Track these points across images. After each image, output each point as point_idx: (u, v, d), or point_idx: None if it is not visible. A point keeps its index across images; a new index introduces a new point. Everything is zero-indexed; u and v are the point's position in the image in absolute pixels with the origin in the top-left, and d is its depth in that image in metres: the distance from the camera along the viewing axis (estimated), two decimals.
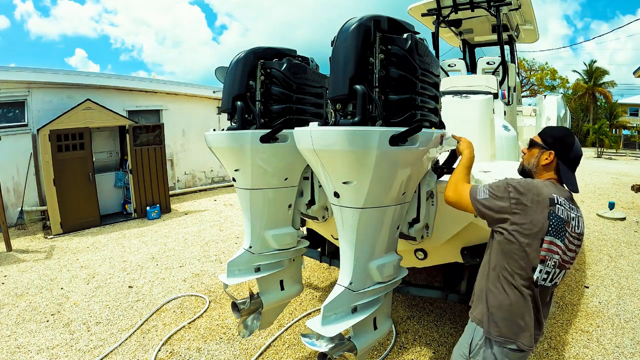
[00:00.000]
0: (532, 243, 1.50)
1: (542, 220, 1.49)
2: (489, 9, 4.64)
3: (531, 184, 1.55)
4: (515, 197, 1.52)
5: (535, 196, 1.51)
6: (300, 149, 1.72)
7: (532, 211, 1.49)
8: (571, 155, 1.66)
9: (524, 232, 1.50)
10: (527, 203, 1.50)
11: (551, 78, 33.41)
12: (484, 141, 3.18)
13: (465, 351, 1.70)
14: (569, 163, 1.65)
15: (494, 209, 1.56)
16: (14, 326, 3.49)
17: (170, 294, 4.09)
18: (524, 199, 1.51)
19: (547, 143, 1.68)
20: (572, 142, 1.66)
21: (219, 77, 2.59)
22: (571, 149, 1.65)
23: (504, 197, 1.54)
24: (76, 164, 6.57)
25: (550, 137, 1.69)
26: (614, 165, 15.74)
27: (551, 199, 1.52)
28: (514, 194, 1.53)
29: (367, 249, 1.75)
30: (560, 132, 1.70)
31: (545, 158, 1.67)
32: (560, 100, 6.68)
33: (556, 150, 1.66)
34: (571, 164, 1.66)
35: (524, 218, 1.50)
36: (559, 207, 1.51)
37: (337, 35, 1.66)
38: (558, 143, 1.67)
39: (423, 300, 3.72)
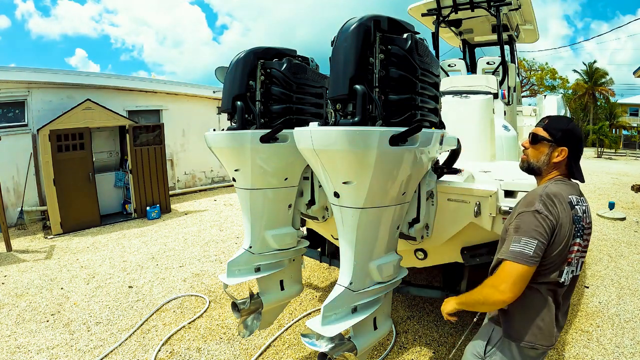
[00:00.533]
0: (561, 250, 1.45)
1: (569, 226, 1.44)
2: (489, 9, 4.64)
3: (551, 192, 1.46)
4: (552, 217, 1.42)
5: (560, 204, 1.45)
6: (300, 149, 1.72)
7: (563, 221, 1.43)
8: (580, 148, 1.58)
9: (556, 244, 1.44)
10: (562, 219, 1.43)
11: (551, 78, 33.42)
12: (484, 141, 3.18)
13: (480, 351, 1.66)
14: (577, 156, 1.58)
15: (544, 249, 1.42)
16: (14, 326, 3.49)
17: (170, 294, 4.09)
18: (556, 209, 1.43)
19: (557, 138, 1.55)
20: (580, 134, 1.59)
21: (218, 77, 2.59)
22: (580, 141, 1.58)
23: (549, 228, 1.41)
24: (76, 164, 6.57)
25: (558, 131, 1.55)
26: (614, 165, 15.74)
27: (570, 202, 1.47)
28: (550, 215, 1.42)
29: (367, 249, 1.75)
30: (567, 124, 1.58)
31: (557, 155, 1.55)
32: (560, 100, 6.68)
33: (569, 145, 1.54)
34: (580, 155, 1.59)
35: (559, 238, 1.43)
36: (577, 207, 1.48)
37: (337, 35, 1.66)
38: (569, 137, 1.55)
39: (423, 300, 3.72)
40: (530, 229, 1.40)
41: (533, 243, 1.38)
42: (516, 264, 1.39)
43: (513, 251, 1.41)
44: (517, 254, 1.39)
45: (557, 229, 1.41)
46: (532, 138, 1.61)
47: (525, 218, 1.44)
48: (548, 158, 1.57)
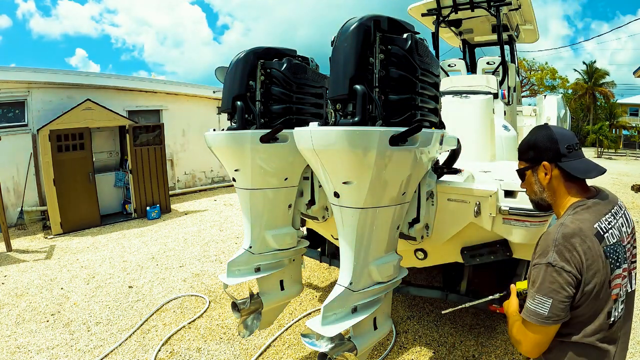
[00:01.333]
0: (601, 293, 1.21)
1: (602, 264, 1.19)
2: (489, 9, 4.64)
3: (567, 235, 1.20)
4: (576, 272, 1.18)
5: (582, 244, 1.19)
6: (300, 149, 1.72)
7: (590, 262, 1.18)
8: (564, 148, 1.29)
9: (591, 292, 1.20)
10: (587, 261, 1.18)
11: (551, 78, 33.42)
12: (484, 141, 3.18)
13: None
14: (568, 156, 1.30)
15: (569, 299, 1.19)
16: (14, 326, 3.49)
17: (170, 294, 4.09)
18: (582, 261, 1.18)
19: (530, 158, 1.36)
20: (550, 133, 1.32)
21: (218, 77, 2.59)
22: (557, 142, 1.30)
23: (566, 283, 1.18)
24: (76, 164, 6.57)
25: (529, 150, 1.37)
26: (614, 165, 15.74)
27: (597, 234, 1.21)
28: (571, 267, 1.18)
29: (367, 249, 1.75)
30: (531, 137, 1.38)
31: (544, 175, 1.33)
32: (560, 100, 6.68)
33: (549, 157, 1.31)
34: (570, 153, 1.30)
35: (589, 281, 1.19)
36: (607, 235, 1.23)
37: (337, 35, 1.66)
38: (539, 148, 1.33)
39: (423, 300, 3.72)
40: (544, 286, 1.20)
41: (548, 302, 1.19)
42: (533, 325, 1.24)
43: (528, 309, 1.25)
44: (532, 314, 1.23)
45: (584, 275, 1.18)
46: (519, 176, 1.45)
47: (538, 272, 1.23)
48: (540, 185, 1.36)
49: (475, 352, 2.94)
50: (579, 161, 1.31)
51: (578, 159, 1.31)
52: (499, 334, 3.14)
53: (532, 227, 1.99)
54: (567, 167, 1.30)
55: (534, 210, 1.49)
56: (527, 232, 2.00)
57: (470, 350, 2.96)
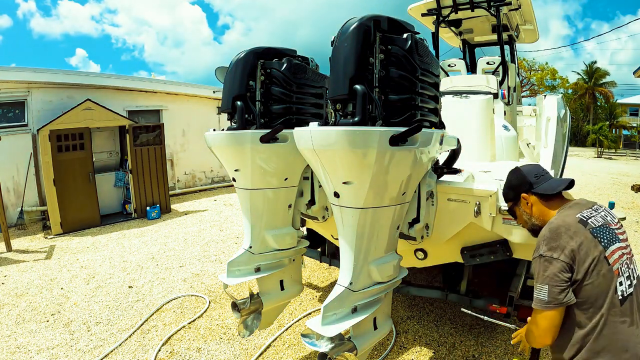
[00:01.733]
0: (600, 268, 1.37)
1: (592, 243, 1.39)
2: (489, 9, 4.64)
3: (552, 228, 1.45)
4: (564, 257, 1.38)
5: (568, 232, 1.41)
6: (300, 149, 1.72)
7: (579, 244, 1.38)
8: (532, 178, 1.61)
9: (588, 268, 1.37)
10: (570, 244, 1.39)
11: (551, 78, 33.40)
12: (484, 141, 3.18)
13: None
14: (538, 182, 1.60)
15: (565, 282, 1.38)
16: (14, 326, 3.49)
17: (170, 294, 4.09)
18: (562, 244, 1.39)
19: (512, 197, 1.68)
20: (520, 171, 1.65)
21: (218, 77, 2.59)
22: (525, 176, 1.62)
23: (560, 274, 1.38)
24: (76, 164, 6.56)
25: (508, 191, 1.69)
26: (614, 165, 15.74)
27: (580, 220, 1.44)
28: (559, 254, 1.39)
29: (367, 249, 1.75)
30: (507, 180, 1.70)
31: (526, 204, 1.62)
32: (560, 100, 6.66)
33: (523, 190, 1.62)
34: (540, 180, 1.60)
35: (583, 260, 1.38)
36: (591, 220, 1.44)
37: (337, 35, 1.66)
38: (514, 185, 1.66)
39: (423, 300, 3.72)
40: (540, 275, 1.42)
41: (545, 288, 1.39)
42: (539, 310, 1.42)
43: (534, 298, 1.44)
44: (536, 301, 1.43)
45: (576, 257, 1.38)
46: (510, 214, 1.75)
47: (534, 265, 1.47)
48: (527, 214, 1.63)
49: (475, 352, 2.94)
50: (547, 183, 1.60)
51: (546, 181, 1.60)
52: (499, 334, 3.14)
53: None
54: (539, 189, 1.59)
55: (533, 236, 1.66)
56: (527, 232, 2.00)
57: (470, 350, 2.96)
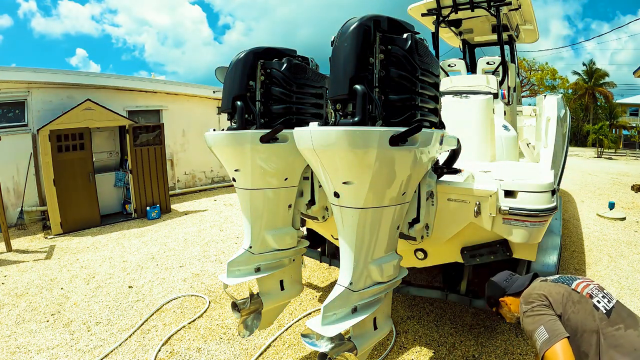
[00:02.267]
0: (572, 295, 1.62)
1: (556, 287, 1.67)
2: (489, 9, 4.64)
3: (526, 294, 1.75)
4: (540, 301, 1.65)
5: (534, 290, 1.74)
6: (300, 149, 1.72)
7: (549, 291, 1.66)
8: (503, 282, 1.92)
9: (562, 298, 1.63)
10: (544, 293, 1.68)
11: (551, 78, 33.39)
12: (484, 141, 3.18)
13: None
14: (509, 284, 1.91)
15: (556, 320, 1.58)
16: (14, 326, 3.49)
17: (170, 294, 4.09)
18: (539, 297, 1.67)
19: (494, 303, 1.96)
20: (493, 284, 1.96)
21: (218, 77, 2.59)
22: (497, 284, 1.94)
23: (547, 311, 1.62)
24: (76, 164, 6.56)
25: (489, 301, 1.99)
26: (614, 165, 15.73)
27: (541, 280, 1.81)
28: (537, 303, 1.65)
29: (367, 249, 1.75)
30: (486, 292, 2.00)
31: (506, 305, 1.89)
32: (560, 100, 6.67)
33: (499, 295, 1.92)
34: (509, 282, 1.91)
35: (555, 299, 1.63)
36: (549, 278, 1.80)
37: (337, 35, 1.66)
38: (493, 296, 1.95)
39: (423, 300, 3.72)
40: (532, 325, 1.60)
41: (541, 329, 1.55)
42: (549, 350, 1.50)
43: (538, 347, 1.55)
44: (542, 345, 1.53)
45: (548, 298, 1.64)
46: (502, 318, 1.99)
47: (525, 327, 1.66)
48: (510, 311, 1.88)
49: (475, 352, 2.93)
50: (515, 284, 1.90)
51: (515, 282, 1.91)
52: (499, 334, 3.14)
53: (532, 227, 1.99)
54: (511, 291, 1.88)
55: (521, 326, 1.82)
56: (527, 232, 2.00)
57: (470, 350, 2.96)
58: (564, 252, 5.03)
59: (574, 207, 7.60)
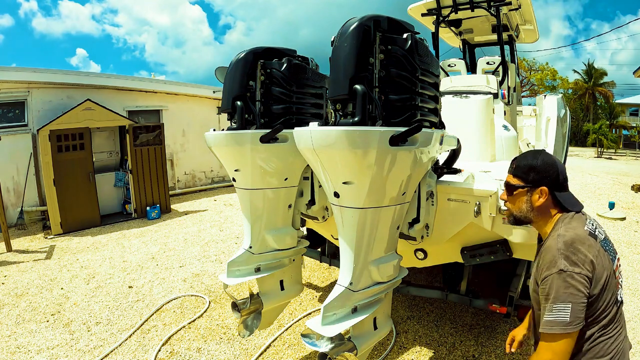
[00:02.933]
0: (610, 283, 1.33)
1: (605, 257, 1.32)
2: (489, 9, 4.64)
3: (567, 241, 1.31)
4: (581, 270, 1.26)
5: (584, 246, 1.30)
6: (300, 149, 1.72)
7: (596, 258, 1.30)
8: (561, 179, 1.42)
9: (600, 285, 1.30)
10: (592, 259, 1.29)
11: (551, 78, 33.39)
12: (484, 141, 3.18)
13: None
14: (562, 186, 1.43)
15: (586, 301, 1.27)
16: (14, 326, 3.49)
17: (170, 294, 4.09)
18: (582, 260, 1.28)
19: (530, 180, 1.43)
20: (553, 162, 1.43)
21: (218, 77, 2.59)
22: (557, 171, 1.42)
23: (581, 286, 1.26)
24: (76, 164, 6.57)
25: (530, 172, 1.43)
26: (614, 165, 15.73)
27: (590, 232, 1.34)
28: (577, 269, 1.26)
29: (367, 249, 1.75)
30: (534, 159, 1.45)
31: (537, 198, 1.42)
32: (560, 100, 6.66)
33: (546, 182, 1.41)
34: (564, 185, 1.44)
35: (600, 275, 1.29)
36: (597, 233, 1.37)
37: (337, 35, 1.66)
38: (544, 175, 1.41)
39: (423, 300, 3.72)
40: (560, 293, 1.26)
41: (568, 308, 1.25)
42: (559, 335, 1.27)
43: (549, 321, 1.28)
44: (555, 324, 1.27)
45: (594, 272, 1.28)
46: (507, 189, 1.51)
47: (551, 283, 1.29)
48: (530, 205, 1.44)
49: (475, 352, 2.94)
50: (568, 194, 1.46)
51: (567, 191, 1.46)
52: (499, 334, 3.14)
53: (532, 227, 1.99)
54: (561, 197, 1.43)
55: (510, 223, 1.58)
56: (527, 232, 2.00)
57: (470, 350, 2.96)
58: None
59: None
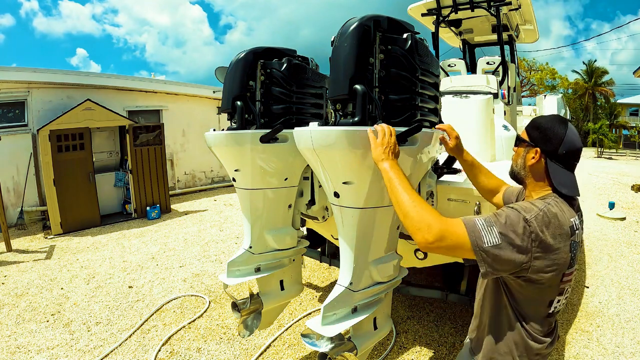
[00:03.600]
0: (553, 282, 1.24)
1: (565, 255, 1.22)
2: (489, 9, 4.64)
3: (550, 213, 1.21)
4: (537, 239, 1.16)
5: (558, 229, 1.20)
6: (300, 149, 1.72)
7: (555, 249, 1.20)
8: (562, 150, 1.28)
9: (544, 276, 1.21)
10: (550, 242, 1.18)
11: (551, 78, 33.40)
12: (484, 141, 3.18)
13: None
14: (561, 160, 1.29)
15: (513, 263, 1.16)
16: (14, 326, 3.49)
17: (170, 294, 4.09)
18: (545, 236, 1.17)
19: (532, 138, 1.34)
20: (563, 133, 1.28)
21: (218, 77, 2.59)
22: (561, 141, 1.27)
23: (523, 246, 1.16)
24: (76, 164, 6.57)
25: (535, 130, 1.33)
26: (614, 165, 15.74)
27: (571, 227, 1.24)
28: (536, 234, 1.16)
29: (367, 249, 1.75)
30: (548, 122, 1.33)
31: (531, 157, 1.33)
32: (560, 100, 6.68)
33: (541, 145, 1.31)
34: (565, 160, 1.29)
35: (547, 260, 1.19)
36: (577, 232, 1.27)
37: (337, 35, 1.66)
38: (545, 138, 1.30)
39: (423, 300, 3.72)
40: (508, 224, 1.16)
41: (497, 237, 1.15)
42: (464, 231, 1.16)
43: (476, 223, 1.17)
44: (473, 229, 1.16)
45: (544, 251, 1.18)
46: (516, 140, 1.44)
47: (511, 213, 1.20)
48: (523, 161, 1.36)
49: None
50: (563, 171, 1.30)
51: (567, 170, 1.30)
52: None
53: None
54: (552, 168, 1.30)
55: (509, 175, 1.48)
56: None
57: None
58: None
59: None
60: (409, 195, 1.25)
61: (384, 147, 1.38)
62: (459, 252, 1.18)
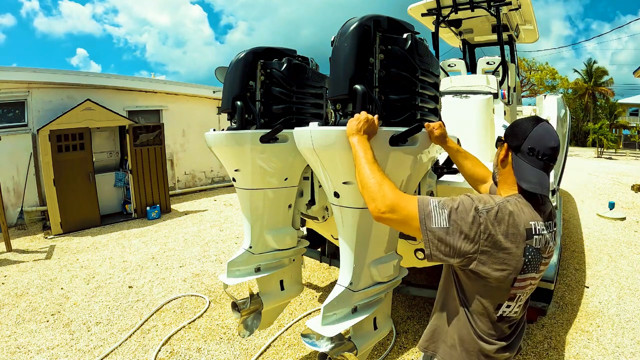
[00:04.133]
0: (501, 284, 1.21)
1: (517, 258, 1.18)
2: (489, 9, 4.64)
3: (505, 210, 1.18)
4: (486, 231, 1.15)
5: (511, 228, 1.17)
6: (300, 149, 1.72)
7: (505, 248, 1.17)
8: (527, 145, 1.24)
9: (492, 274, 1.19)
10: (500, 239, 1.16)
11: (551, 78, 33.40)
12: (484, 141, 3.18)
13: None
14: (526, 155, 1.24)
15: (458, 250, 1.16)
16: (14, 326, 3.49)
17: (170, 294, 4.09)
18: (495, 232, 1.15)
19: (505, 135, 1.34)
20: (530, 129, 1.25)
21: (219, 77, 2.59)
22: (526, 136, 1.24)
23: (470, 235, 1.15)
24: (76, 164, 6.57)
25: (508, 128, 1.33)
26: (614, 165, 15.73)
27: (528, 229, 1.19)
28: (485, 226, 1.15)
29: (367, 249, 1.75)
30: (521, 120, 1.32)
31: (500, 152, 1.34)
32: (560, 100, 6.66)
33: (508, 140, 1.30)
34: (529, 155, 1.24)
35: (494, 257, 1.17)
36: (536, 237, 1.21)
37: (337, 35, 1.66)
38: (512, 133, 1.29)
39: (423, 300, 3.72)
40: (458, 210, 1.17)
41: (446, 220, 1.16)
42: (415, 208, 1.18)
43: (430, 203, 1.19)
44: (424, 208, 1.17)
45: (492, 247, 1.16)
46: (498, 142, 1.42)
47: (465, 200, 1.20)
48: (497, 158, 1.36)
49: None
50: (526, 165, 1.24)
51: (532, 165, 1.24)
52: None
53: None
54: (515, 162, 1.27)
55: None
56: None
57: None
58: (564, 252, 5.03)
59: (574, 207, 7.60)
60: (370, 168, 1.31)
61: (357, 123, 1.44)
62: (407, 228, 1.20)
